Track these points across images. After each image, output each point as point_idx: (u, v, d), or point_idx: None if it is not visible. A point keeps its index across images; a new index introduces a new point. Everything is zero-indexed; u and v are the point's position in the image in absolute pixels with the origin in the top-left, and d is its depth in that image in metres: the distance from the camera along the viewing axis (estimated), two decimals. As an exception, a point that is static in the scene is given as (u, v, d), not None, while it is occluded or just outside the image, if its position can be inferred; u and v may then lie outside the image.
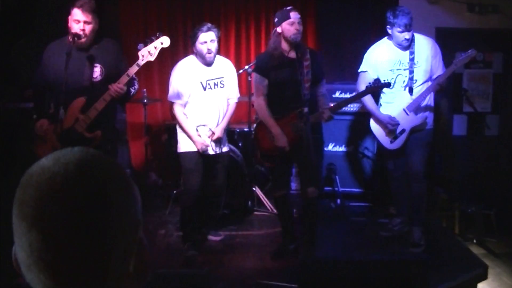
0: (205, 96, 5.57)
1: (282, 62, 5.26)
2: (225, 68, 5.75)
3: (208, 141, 5.60)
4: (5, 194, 1.07)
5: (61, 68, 4.65)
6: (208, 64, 5.58)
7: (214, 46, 5.48)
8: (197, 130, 5.55)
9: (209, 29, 5.44)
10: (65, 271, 1.02)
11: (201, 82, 5.54)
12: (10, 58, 6.47)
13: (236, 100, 5.89)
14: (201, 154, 5.60)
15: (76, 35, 4.68)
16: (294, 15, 5.17)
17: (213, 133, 5.60)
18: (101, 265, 1.04)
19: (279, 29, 5.24)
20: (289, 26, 5.16)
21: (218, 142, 5.67)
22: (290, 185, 5.80)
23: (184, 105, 5.62)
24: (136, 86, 5.14)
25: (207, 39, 5.42)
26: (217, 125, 5.64)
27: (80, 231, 1.01)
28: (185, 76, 5.54)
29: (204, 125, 5.59)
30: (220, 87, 5.64)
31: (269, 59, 5.35)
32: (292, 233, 5.67)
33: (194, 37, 5.47)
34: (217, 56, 5.69)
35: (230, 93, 5.78)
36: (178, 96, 5.57)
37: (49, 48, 5.01)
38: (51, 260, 1.01)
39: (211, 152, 5.64)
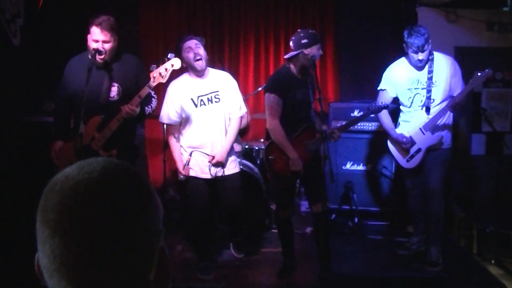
0: (198, 113, 5.35)
1: (297, 83, 5.24)
2: (220, 81, 5.47)
3: (205, 166, 5.42)
4: (28, 205, 1.09)
5: (81, 83, 4.67)
6: (200, 74, 5.36)
7: (201, 51, 5.26)
8: (190, 155, 5.37)
9: (190, 38, 5.32)
10: (86, 278, 1.03)
11: (191, 99, 5.34)
12: (32, 72, 6.55)
13: (239, 115, 5.56)
14: (201, 178, 5.46)
15: (97, 51, 4.68)
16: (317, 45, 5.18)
17: (213, 157, 5.37)
18: (122, 273, 1.06)
19: (306, 51, 5.10)
20: (318, 51, 5.15)
21: (219, 165, 5.43)
22: (294, 205, 5.74)
23: (180, 126, 5.48)
24: (153, 104, 5.09)
25: (191, 45, 5.25)
26: (217, 143, 5.42)
27: (102, 239, 1.03)
28: (174, 95, 5.38)
29: (200, 150, 5.39)
30: (215, 101, 5.38)
31: (285, 80, 5.26)
32: (292, 253, 5.66)
33: (178, 50, 5.26)
34: (212, 69, 5.53)
35: (230, 108, 5.48)
36: (168, 117, 5.43)
37: (70, 63, 5.02)
38: (73, 266, 1.02)
39: (207, 176, 5.44)
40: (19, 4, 6.32)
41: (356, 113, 7.35)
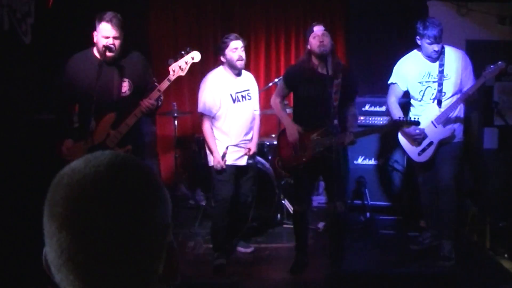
0: (234, 108, 5.62)
1: (313, 77, 5.20)
2: (250, 81, 5.87)
3: (241, 154, 5.71)
4: (37, 202, 1.09)
5: (89, 81, 4.70)
6: (238, 73, 5.65)
7: (244, 54, 5.56)
8: (226, 148, 5.54)
9: (237, 38, 5.56)
10: (94, 272, 1.03)
11: (231, 95, 5.59)
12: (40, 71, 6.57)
13: (260, 112, 6.03)
14: (233, 166, 5.65)
15: (108, 48, 4.67)
16: (317, 28, 5.15)
17: (249, 149, 5.72)
18: (130, 267, 1.05)
19: (308, 45, 5.23)
20: (313, 39, 5.14)
21: (254, 156, 5.84)
22: (311, 201, 5.75)
23: (214, 118, 5.64)
24: (161, 98, 5.11)
25: (238, 45, 5.50)
26: (246, 135, 5.75)
27: (109, 232, 1.03)
28: (215, 88, 5.57)
29: (237, 145, 5.65)
30: (248, 99, 5.73)
31: (299, 73, 5.32)
32: (306, 248, 5.67)
33: (224, 46, 5.52)
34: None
35: (255, 106, 5.89)
36: (208, 108, 5.58)
37: (73, 60, 4.97)
38: (80, 260, 1.02)
39: (242, 163, 5.73)
40: (29, 3, 6.33)
41: (367, 108, 7.35)
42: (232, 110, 5.61)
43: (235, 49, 5.50)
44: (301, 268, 5.58)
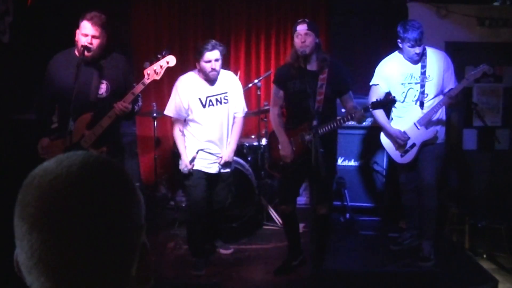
0: (205, 113, 5.51)
1: (299, 74, 5.20)
2: (229, 83, 5.68)
3: (210, 163, 5.60)
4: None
5: (68, 80, 4.66)
6: (211, 81, 5.52)
7: (218, 64, 5.41)
8: (197, 153, 5.49)
9: (213, 47, 5.36)
10: (65, 274, 1.01)
11: (199, 99, 5.48)
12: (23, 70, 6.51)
13: (242, 115, 5.79)
14: (201, 171, 5.57)
15: (86, 48, 4.65)
16: (300, 27, 5.15)
17: (221, 158, 5.59)
18: (102, 268, 1.03)
19: (294, 42, 5.24)
20: (296, 38, 5.16)
21: (228, 164, 5.68)
22: (296, 200, 5.74)
23: (184, 121, 5.58)
24: (140, 103, 5.08)
25: (212, 58, 5.35)
26: (222, 141, 5.61)
27: (81, 234, 1.00)
28: (183, 92, 5.49)
29: (207, 149, 5.54)
30: (224, 102, 5.58)
31: (286, 71, 5.35)
32: (298, 248, 5.64)
33: (199, 55, 5.39)
34: (221, 70, 5.60)
35: (236, 108, 5.71)
36: (175, 111, 5.52)
37: (55, 59, 4.96)
38: (51, 262, 1.00)
39: (212, 171, 5.63)
40: (8, 2, 6.28)
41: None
42: (202, 115, 5.50)
43: (208, 61, 5.35)
44: (286, 271, 5.55)
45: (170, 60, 4.93)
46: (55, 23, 6.92)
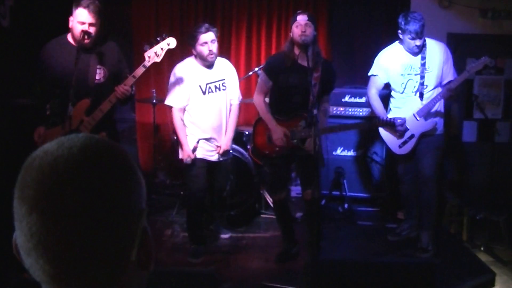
0: (205, 100, 5.46)
1: (293, 67, 5.21)
2: (225, 69, 5.63)
3: (210, 151, 5.58)
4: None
5: (66, 67, 4.66)
6: (209, 66, 5.45)
7: (215, 46, 5.35)
8: (197, 142, 5.49)
9: (207, 30, 5.30)
10: (64, 256, 1.00)
11: (200, 86, 5.43)
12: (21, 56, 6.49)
13: (238, 102, 5.76)
14: (204, 160, 5.56)
15: (86, 33, 4.63)
16: (300, 17, 5.14)
17: (219, 147, 5.57)
18: (102, 252, 1.02)
19: (291, 33, 5.22)
20: (296, 28, 5.14)
21: (226, 153, 5.66)
22: (289, 189, 5.74)
23: (184, 110, 5.52)
24: (134, 88, 5.06)
25: (208, 39, 5.28)
26: (221, 128, 5.57)
27: (81, 216, 0.99)
28: (182, 80, 5.43)
29: (208, 139, 5.53)
30: (222, 89, 5.54)
31: (280, 62, 5.31)
32: (292, 237, 5.65)
33: (193, 39, 5.31)
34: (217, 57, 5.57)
35: (232, 95, 5.68)
36: (175, 100, 5.47)
37: (48, 47, 4.94)
38: (50, 244, 0.99)
39: (214, 158, 5.61)
40: (8, -15, 6.24)
41: (347, 99, 7.37)
42: (202, 102, 5.45)
43: (205, 43, 5.28)
44: (286, 259, 5.58)
45: (171, 42, 4.91)
46: (55, 7, 6.88)
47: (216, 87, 5.49)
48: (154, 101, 7.01)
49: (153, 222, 6.59)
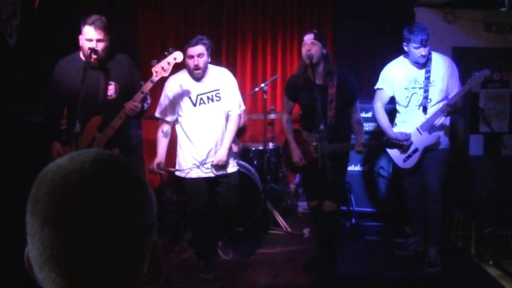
0: (197, 112, 5.32)
1: (307, 86, 5.27)
2: (221, 79, 5.41)
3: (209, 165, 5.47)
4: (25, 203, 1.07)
5: (75, 84, 4.67)
6: (197, 79, 5.31)
7: (202, 60, 5.19)
8: (191, 169, 5.42)
9: (197, 42, 5.17)
10: (77, 270, 1.01)
11: (190, 98, 5.30)
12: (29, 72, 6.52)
13: (238, 112, 5.53)
14: (200, 178, 5.47)
15: (93, 50, 4.65)
16: (306, 37, 5.26)
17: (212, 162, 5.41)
18: (113, 266, 1.03)
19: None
20: (303, 47, 5.25)
21: (222, 166, 5.45)
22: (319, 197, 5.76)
23: (180, 124, 5.45)
24: (149, 101, 5.11)
25: (194, 53, 5.15)
26: (217, 142, 5.42)
27: (93, 230, 1.00)
28: (172, 92, 5.35)
29: (202, 163, 5.41)
30: (216, 100, 5.35)
31: (294, 83, 5.48)
32: (329, 250, 5.60)
33: (183, 51, 5.14)
34: (212, 66, 5.42)
35: (230, 105, 5.45)
36: (164, 113, 5.42)
37: (60, 64, 4.97)
38: (63, 258, 1.00)
39: (209, 175, 5.48)
40: (15, 4, 6.28)
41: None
42: (194, 114, 5.33)
43: (191, 57, 5.16)
44: (314, 267, 5.59)
45: (177, 56, 4.90)
46: (62, 26, 6.93)
47: (208, 98, 5.33)
48: (161, 117, 7.00)
49: (161, 239, 6.50)
